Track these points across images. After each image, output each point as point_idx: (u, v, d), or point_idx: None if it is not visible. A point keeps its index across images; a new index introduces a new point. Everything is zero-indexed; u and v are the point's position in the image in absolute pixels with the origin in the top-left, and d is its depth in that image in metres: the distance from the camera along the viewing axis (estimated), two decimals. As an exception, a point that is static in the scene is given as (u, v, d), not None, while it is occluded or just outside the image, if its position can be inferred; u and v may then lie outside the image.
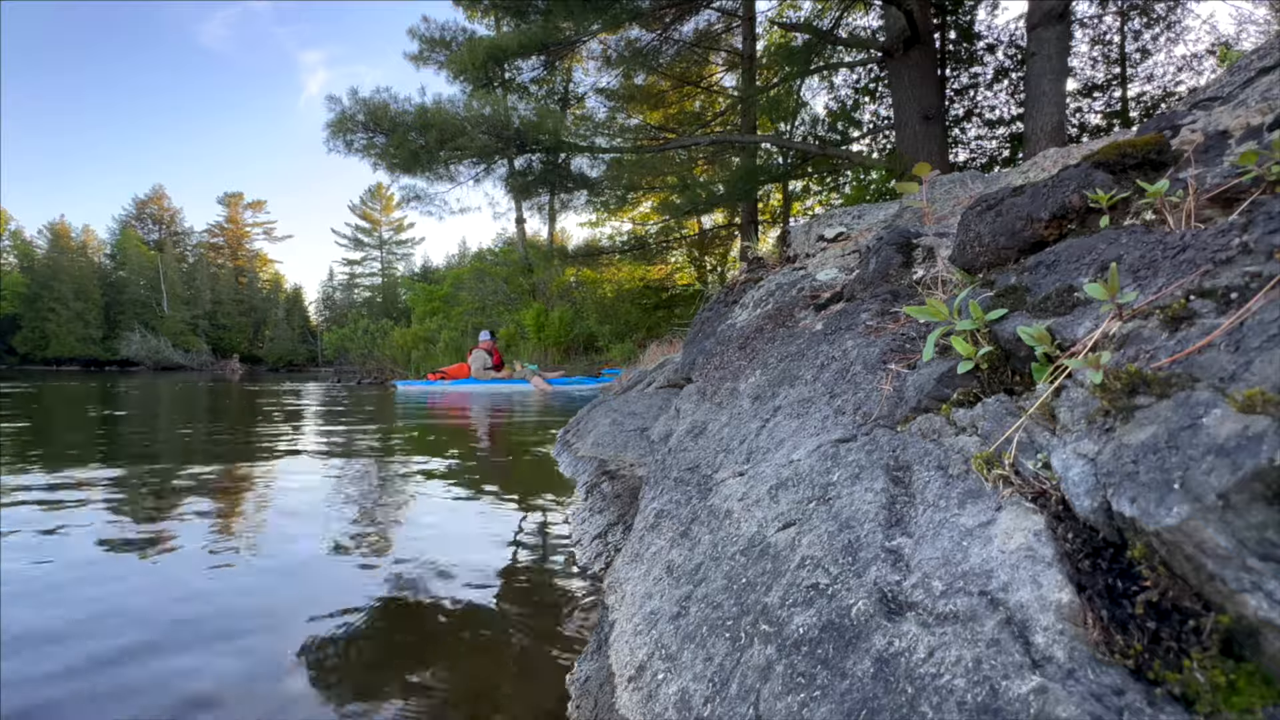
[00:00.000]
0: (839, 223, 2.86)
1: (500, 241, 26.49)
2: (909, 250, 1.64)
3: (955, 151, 11.71)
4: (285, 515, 2.05)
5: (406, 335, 16.68)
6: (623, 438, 2.84)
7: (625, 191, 13.18)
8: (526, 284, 15.65)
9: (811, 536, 0.81)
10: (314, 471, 2.86)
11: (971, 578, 0.59)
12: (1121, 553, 0.53)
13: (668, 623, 0.92)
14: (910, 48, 7.54)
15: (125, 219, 40.96)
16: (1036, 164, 1.97)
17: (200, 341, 36.29)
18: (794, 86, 10.82)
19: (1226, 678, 0.42)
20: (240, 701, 0.97)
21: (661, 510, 1.32)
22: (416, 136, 8.47)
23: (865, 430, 0.98)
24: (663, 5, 9.77)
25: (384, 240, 44.65)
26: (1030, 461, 0.66)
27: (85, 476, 2.65)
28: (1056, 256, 0.94)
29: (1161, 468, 0.49)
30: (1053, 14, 5.86)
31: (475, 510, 2.22)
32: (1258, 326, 0.53)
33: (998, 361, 0.85)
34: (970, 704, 0.49)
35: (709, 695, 0.73)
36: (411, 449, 3.59)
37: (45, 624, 1.23)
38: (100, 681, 1.02)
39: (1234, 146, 0.96)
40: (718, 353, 2.19)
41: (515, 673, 1.08)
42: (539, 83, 12.41)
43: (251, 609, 1.32)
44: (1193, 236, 0.75)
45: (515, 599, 1.40)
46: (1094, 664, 0.46)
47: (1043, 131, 5.92)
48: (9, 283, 33.29)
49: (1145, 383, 0.57)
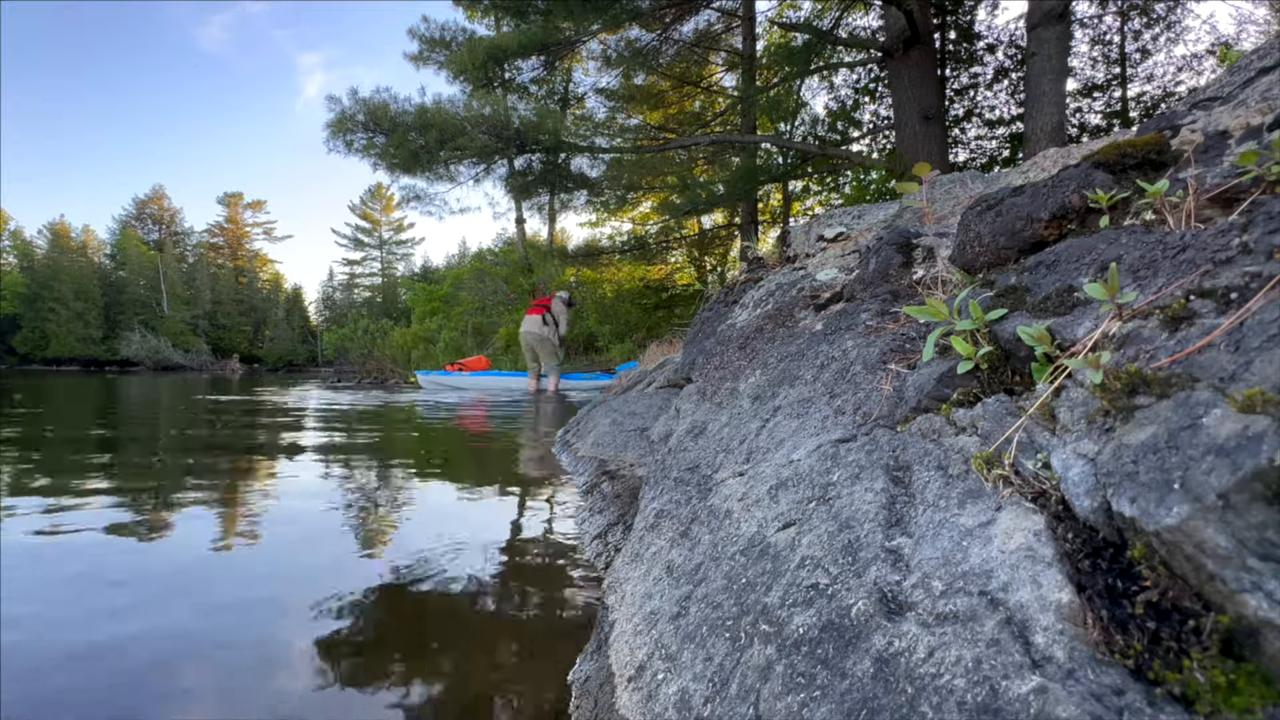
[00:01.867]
0: (839, 223, 2.86)
1: (500, 241, 26.50)
2: (909, 250, 1.64)
3: (955, 151, 11.72)
4: (285, 514, 2.05)
5: (406, 335, 16.69)
6: (623, 438, 2.84)
7: (625, 191, 13.19)
8: (526, 284, 15.66)
9: (811, 536, 0.81)
10: (313, 471, 2.86)
11: (971, 578, 0.59)
12: (1121, 553, 0.53)
13: (668, 623, 0.92)
14: (910, 48, 7.54)
15: (125, 219, 40.99)
16: (1036, 164, 1.97)
17: (200, 341, 36.31)
18: (794, 86, 10.82)
19: (1226, 678, 0.42)
20: (240, 701, 0.97)
21: (661, 510, 1.32)
22: (416, 136, 8.47)
23: (865, 430, 0.98)
24: (663, 5, 9.78)
25: (384, 240, 44.67)
26: (1030, 461, 0.66)
27: (80, 473, 2.65)
28: (1056, 256, 0.94)
29: (1161, 468, 0.49)
30: (1053, 14, 5.87)
31: (474, 510, 2.22)
32: (1258, 326, 0.53)
33: (998, 361, 0.85)
34: (970, 704, 0.49)
35: (709, 695, 0.73)
36: (411, 448, 3.60)
37: (39, 625, 1.23)
38: (95, 671, 1.02)
39: (1234, 146, 0.96)
40: (718, 353, 2.19)
41: (514, 672, 1.08)
42: (539, 83, 12.42)
43: (250, 608, 1.32)
44: (1193, 236, 0.75)
45: (514, 599, 1.40)
46: (1094, 664, 0.46)
47: (1043, 131, 5.92)
48: (9, 283, 33.31)
49: (1145, 383, 0.57)
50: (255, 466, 2.96)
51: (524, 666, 1.10)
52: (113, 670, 1.05)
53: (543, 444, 3.71)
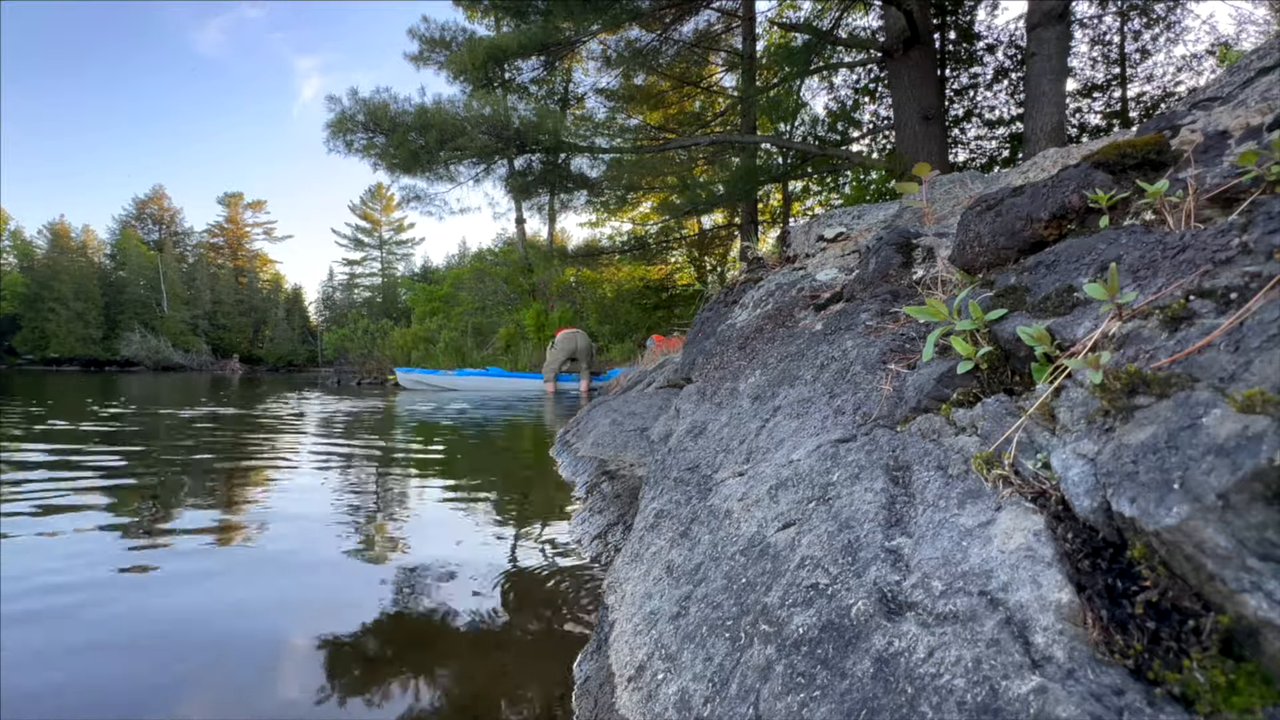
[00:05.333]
0: (839, 223, 2.86)
1: (500, 241, 26.51)
2: (909, 250, 1.64)
3: (955, 151, 11.72)
4: (283, 514, 2.05)
5: (406, 335, 16.68)
6: (623, 438, 2.84)
7: (625, 191, 13.19)
8: (526, 284, 15.65)
9: (811, 536, 0.81)
10: (312, 472, 2.86)
11: (971, 578, 0.59)
12: (1121, 553, 0.53)
13: (667, 623, 0.92)
14: (910, 48, 7.54)
15: (125, 219, 40.97)
16: (1036, 164, 1.97)
17: (200, 342, 36.30)
18: (794, 86, 10.81)
19: (1226, 678, 0.42)
20: (240, 700, 0.97)
21: (661, 510, 1.32)
22: (416, 136, 8.47)
23: (865, 430, 0.98)
24: (663, 5, 9.77)
25: (384, 240, 44.66)
26: (1030, 461, 0.66)
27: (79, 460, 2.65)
28: (1056, 256, 0.94)
29: (1161, 468, 0.49)
30: (1053, 14, 5.87)
31: (474, 510, 2.22)
32: (1257, 326, 0.53)
33: (997, 361, 0.85)
34: (970, 704, 0.49)
35: (709, 695, 0.73)
36: (410, 449, 3.59)
37: (42, 620, 1.23)
38: (94, 673, 1.02)
39: (1234, 146, 0.96)
40: (718, 353, 2.19)
41: (515, 673, 1.08)
42: (539, 83, 12.42)
43: (250, 608, 1.32)
44: (1192, 236, 0.75)
45: (515, 599, 1.40)
46: (1094, 664, 0.46)
47: (1042, 131, 5.92)
48: (9, 283, 33.29)
49: (1145, 383, 0.57)
50: (250, 479, 2.96)
51: (524, 666, 1.10)
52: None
53: (542, 444, 3.71)
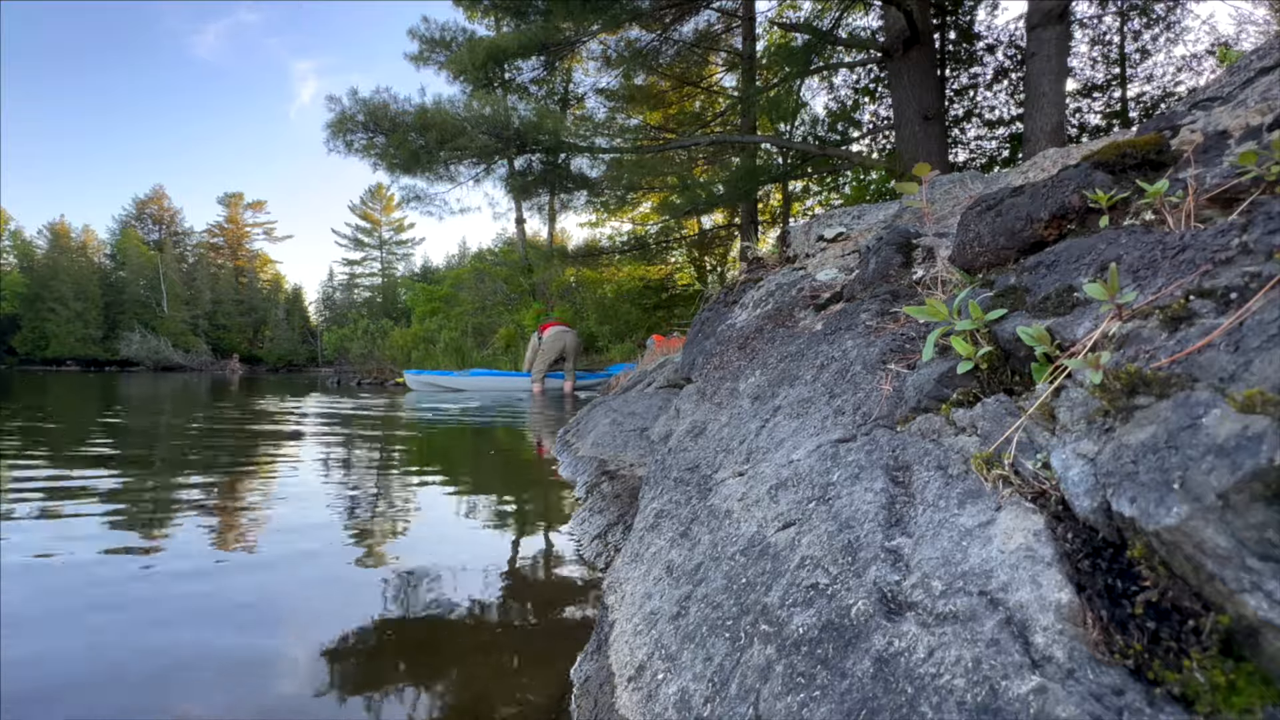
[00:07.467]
0: (839, 223, 2.85)
1: (500, 241, 26.52)
2: (909, 250, 1.64)
3: (955, 151, 11.71)
4: (283, 514, 2.05)
5: (406, 335, 16.68)
6: (623, 438, 2.84)
7: (625, 191, 13.18)
8: (526, 284, 15.65)
9: (811, 536, 0.81)
10: (312, 472, 2.86)
11: (971, 578, 0.59)
12: (1121, 553, 0.53)
13: (667, 623, 0.92)
14: (910, 48, 7.54)
15: (125, 219, 40.98)
16: (1036, 164, 1.97)
17: (200, 342, 36.30)
18: (794, 86, 10.81)
19: (1226, 678, 0.42)
20: (240, 700, 0.97)
21: (661, 510, 1.32)
22: (416, 137, 8.47)
23: (865, 430, 0.98)
24: (663, 5, 9.77)
25: (384, 240, 44.67)
26: (1030, 461, 0.66)
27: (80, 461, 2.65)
28: (1056, 257, 0.94)
29: (1161, 468, 0.49)
30: (1053, 14, 5.86)
31: (474, 510, 2.22)
32: (1257, 326, 0.53)
33: (997, 361, 0.85)
34: (970, 704, 0.49)
35: (709, 695, 0.73)
36: (410, 449, 3.59)
37: (44, 626, 1.23)
38: (94, 673, 1.02)
39: (1234, 146, 0.96)
40: (718, 353, 2.19)
41: (515, 673, 1.08)
42: (539, 83, 12.42)
43: (249, 609, 1.32)
44: (1192, 236, 0.75)
45: (515, 599, 1.40)
46: (1094, 664, 0.46)
47: (1042, 131, 5.92)
48: (9, 283, 33.30)
49: (1145, 383, 0.57)
50: (250, 479, 2.96)
51: (524, 666, 1.10)
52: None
53: (559, 440, 3.71)
